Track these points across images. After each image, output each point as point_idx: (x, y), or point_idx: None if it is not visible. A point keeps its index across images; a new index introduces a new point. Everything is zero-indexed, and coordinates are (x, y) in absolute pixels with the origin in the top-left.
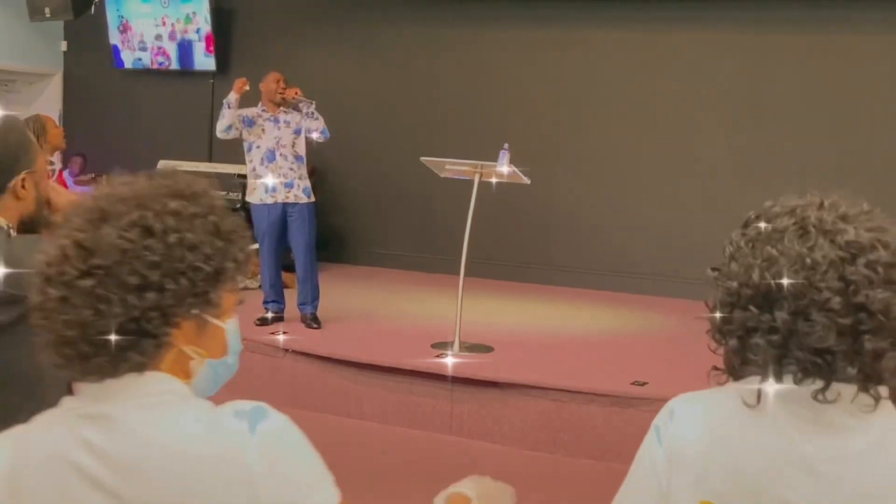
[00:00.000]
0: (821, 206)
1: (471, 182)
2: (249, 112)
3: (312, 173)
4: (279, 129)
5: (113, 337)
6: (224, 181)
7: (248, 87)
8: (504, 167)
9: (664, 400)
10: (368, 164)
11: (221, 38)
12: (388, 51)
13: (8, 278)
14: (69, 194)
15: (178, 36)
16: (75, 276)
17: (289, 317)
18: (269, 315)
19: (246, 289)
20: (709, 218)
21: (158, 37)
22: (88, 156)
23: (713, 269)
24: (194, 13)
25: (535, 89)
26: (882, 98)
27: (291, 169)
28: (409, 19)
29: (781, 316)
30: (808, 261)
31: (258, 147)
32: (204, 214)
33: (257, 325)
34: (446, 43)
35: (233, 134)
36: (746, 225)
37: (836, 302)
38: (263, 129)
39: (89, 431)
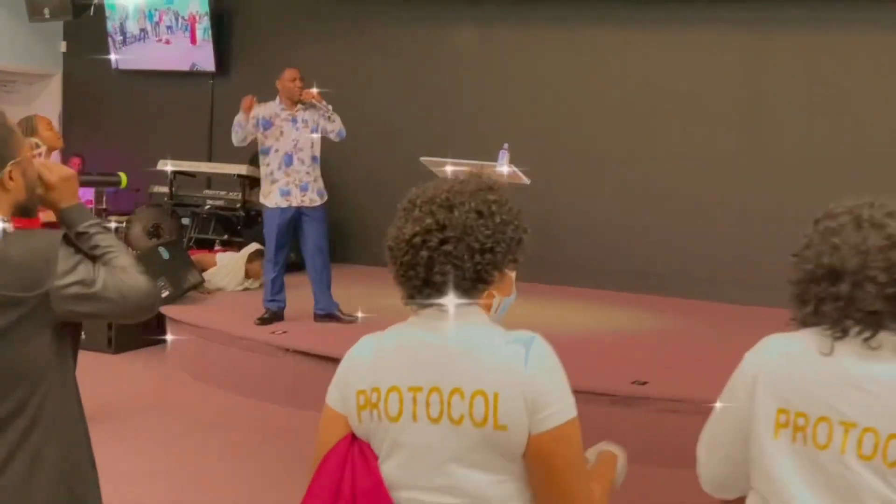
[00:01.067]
0: (871, 205)
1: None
2: (266, 112)
3: None
4: (297, 129)
5: (464, 283)
6: (224, 181)
7: (256, 105)
8: (504, 167)
9: (664, 400)
10: (368, 164)
11: (221, 38)
12: (388, 50)
13: (9, 281)
14: (61, 169)
15: (179, 35)
16: (438, 242)
17: (291, 316)
18: (268, 315)
19: (247, 290)
20: (709, 218)
21: (159, 37)
22: (88, 156)
23: (793, 255)
24: (194, 13)
25: (535, 89)
26: (882, 98)
27: (308, 172)
28: (409, 19)
29: (844, 288)
30: (862, 248)
31: (276, 151)
32: (507, 202)
33: (258, 324)
34: (446, 42)
35: (249, 140)
36: (817, 222)
37: (882, 277)
38: (282, 131)
39: (426, 335)
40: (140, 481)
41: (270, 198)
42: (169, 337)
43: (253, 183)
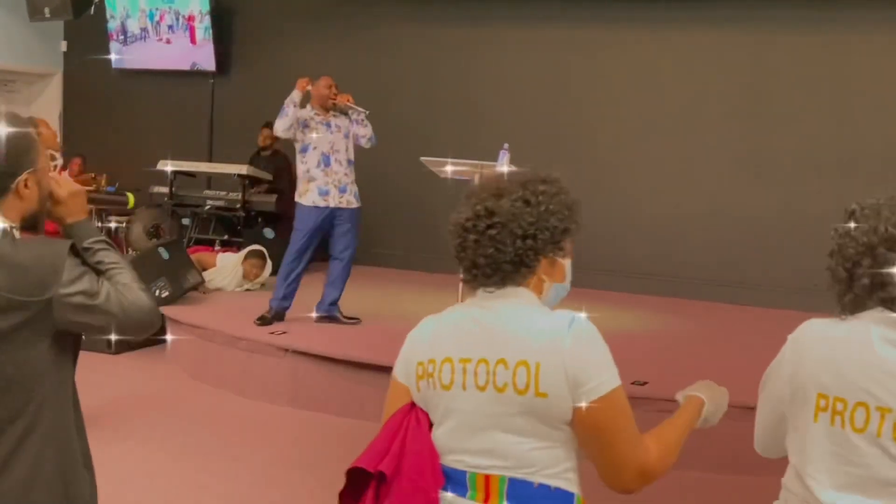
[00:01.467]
0: None
1: (471, 182)
2: (301, 114)
3: None
4: (331, 133)
5: (505, 265)
6: (224, 181)
7: (310, 87)
8: (504, 167)
9: (664, 400)
10: (368, 164)
11: (221, 38)
12: (388, 50)
13: (14, 285)
14: (71, 184)
15: (179, 35)
16: (485, 227)
17: (292, 316)
18: (270, 315)
19: (247, 290)
20: (709, 218)
21: (159, 36)
22: (88, 156)
23: (831, 252)
24: (195, 13)
25: (535, 89)
26: (881, 97)
27: (346, 174)
28: (409, 19)
29: (882, 268)
30: None
31: (314, 149)
32: (558, 193)
33: (258, 324)
34: (446, 43)
35: (291, 133)
36: (852, 213)
37: None
38: (317, 134)
39: (478, 313)
40: (140, 481)
41: (307, 196)
42: (169, 337)
43: (253, 183)
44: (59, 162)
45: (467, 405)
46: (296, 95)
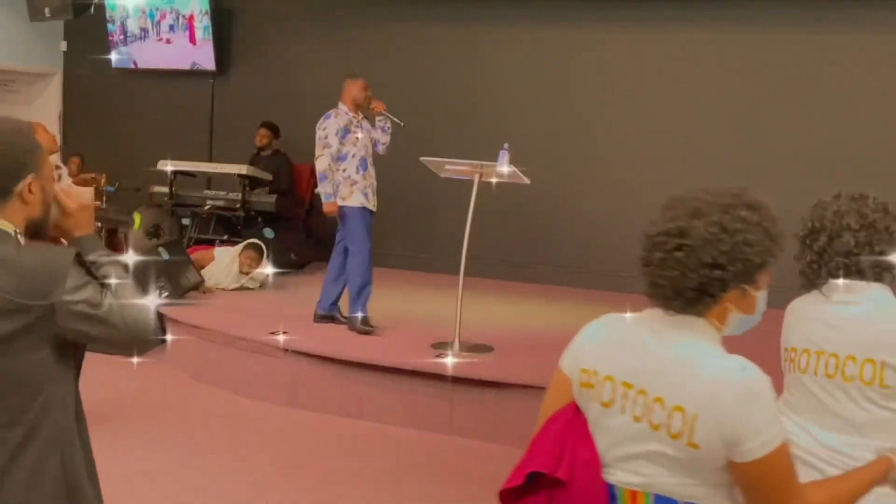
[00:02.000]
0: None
1: (471, 182)
2: (341, 121)
3: (312, 173)
4: (365, 136)
5: (687, 291)
6: (224, 181)
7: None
8: (504, 167)
9: None
10: None
11: (221, 38)
12: (387, 50)
13: (18, 288)
14: (80, 197)
15: (179, 35)
16: (672, 248)
17: (291, 316)
18: (366, 323)
19: (243, 288)
20: None
21: (159, 36)
22: (89, 156)
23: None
24: (195, 13)
25: (535, 89)
26: (881, 98)
27: (375, 178)
28: (409, 19)
29: (823, 240)
30: (837, 209)
31: (353, 156)
32: (761, 222)
33: (364, 331)
34: (446, 43)
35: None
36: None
37: (854, 224)
38: (357, 137)
39: (647, 334)
40: (140, 481)
41: (353, 198)
42: (169, 337)
43: (253, 183)
44: (64, 171)
45: (623, 429)
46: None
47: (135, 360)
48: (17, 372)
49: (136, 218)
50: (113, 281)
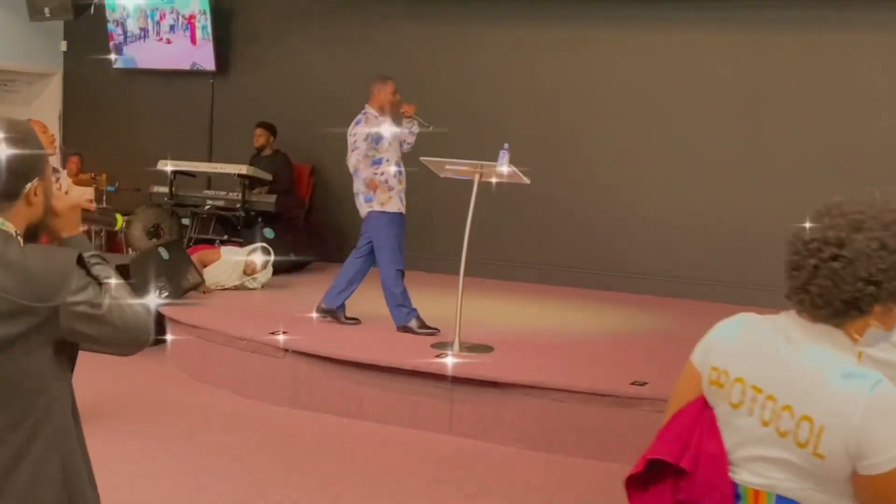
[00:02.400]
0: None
1: (471, 182)
2: (371, 126)
3: (311, 173)
4: (397, 140)
5: (837, 303)
6: (224, 181)
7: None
8: (504, 167)
9: (664, 400)
10: None
11: (221, 38)
12: (387, 50)
13: (24, 290)
14: (69, 198)
15: (179, 35)
16: (828, 257)
17: (291, 316)
18: (420, 325)
19: (243, 288)
20: (709, 217)
21: (159, 36)
22: (89, 156)
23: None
24: (195, 13)
25: (535, 89)
26: (881, 98)
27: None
28: (408, 19)
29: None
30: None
31: (388, 160)
32: None
33: (426, 333)
34: (446, 43)
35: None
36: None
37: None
38: (390, 143)
39: (782, 340)
40: (140, 481)
41: (391, 203)
42: (169, 337)
43: (253, 183)
44: (62, 174)
45: (749, 431)
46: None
47: (129, 356)
48: (22, 374)
49: (118, 218)
50: (112, 281)
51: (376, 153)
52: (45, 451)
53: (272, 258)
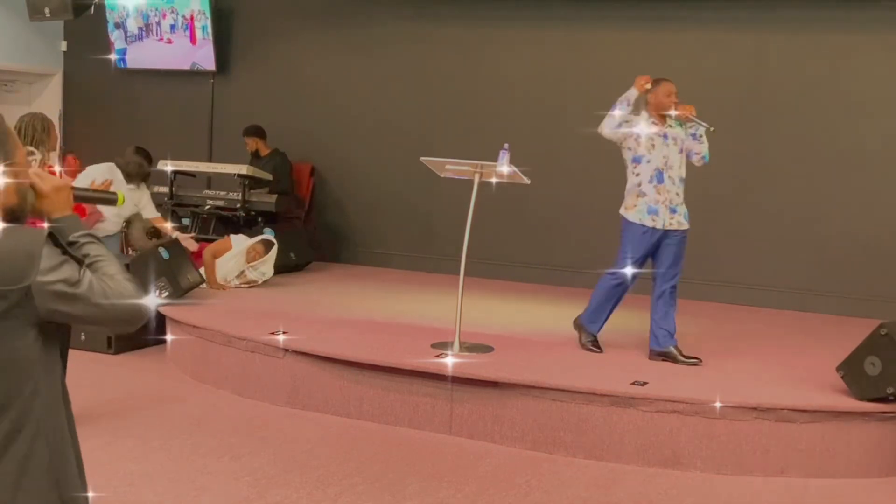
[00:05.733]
0: None
1: (471, 182)
2: (635, 120)
3: (311, 173)
4: (667, 146)
5: None
6: (224, 181)
7: (649, 87)
8: (504, 167)
9: (664, 400)
10: (368, 164)
11: (221, 38)
12: (387, 50)
13: None
14: (54, 180)
15: (179, 35)
16: None
17: (291, 316)
18: (590, 341)
19: (246, 283)
20: (708, 218)
21: (159, 36)
22: (89, 156)
23: None
24: (195, 13)
25: (536, 89)
26: (881, 98)
27: (677, 193)
28: (408, 19)
29: None
30: None
31: (648, 162)
32: None
33: (590, 347)
34: (446, 42)
35: (618, 137)
36: None
37: None
38: (653, 145)
39: None
40: (140, 481)
41: (634, 212)
42: (169, 337)
43: (253, 183)
44: (38, 157)
45: None
46: (632, 94)
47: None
48: (4, 358)
49: (120, 196)
50: (103, 260)
51: (636, 148)
52: (33, 440)
53: (276, 247)
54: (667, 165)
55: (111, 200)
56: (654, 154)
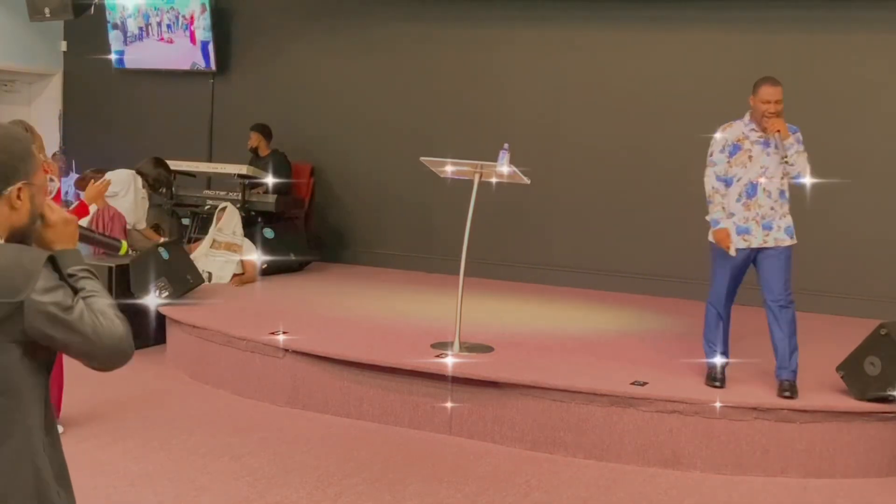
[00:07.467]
0: None
1: (471, 182)
2: (733, 134)
3: (311, 173)
4: (768, 154)
5: None
6: (224, 181)
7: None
8: (504, 167)
9: (664, 400)
10: (368, 164)
11: (221, 38)
12: (387, 50)
13: None
14: (62, 211)
15: (179, 35)
16: None
17: (291, 316)
18: (717, 376)
19: (235, 250)
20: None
21: (160, 36)
22: (89, 156)
23: None
24: (195, 13)
25: (536, 89)
26: (881, 98)
27: (773, 208)
28: (408, 19)
29: None
30: None
31: (738, 180)
32: None
33: (715, 386)
34: (446, 42)
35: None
36: None
37: None
38: (750, 156)
39: None
40: (139, 481)
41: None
42: (169, 337)
43: (253, 183)
44: (56, 184)
45: None
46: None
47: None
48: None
49: (123, 245)
50: (97, 296)
51: (728, 168)
52: (17, 457)
53: (230, 206)
54: (765, 176)
55: (115, 248)
56: (750, 166)
